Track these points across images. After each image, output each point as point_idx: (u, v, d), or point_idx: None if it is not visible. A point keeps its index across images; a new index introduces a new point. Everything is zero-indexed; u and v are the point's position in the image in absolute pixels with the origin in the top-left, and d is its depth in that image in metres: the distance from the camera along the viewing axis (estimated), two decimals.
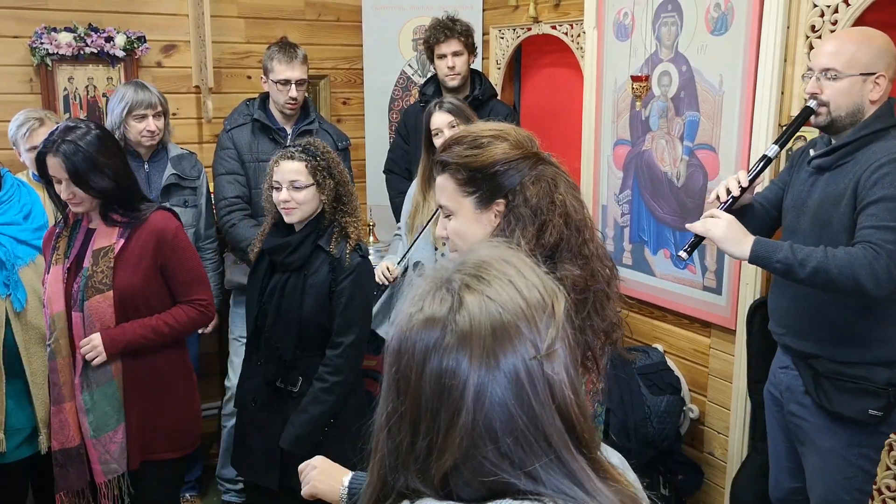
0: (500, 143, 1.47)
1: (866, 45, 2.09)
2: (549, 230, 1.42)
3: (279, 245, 2.54)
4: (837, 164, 2.15)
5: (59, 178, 2.30)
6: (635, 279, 3.40)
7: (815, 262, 1.98)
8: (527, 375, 0.89)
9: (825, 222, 2.14)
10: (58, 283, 2.32)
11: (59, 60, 3.64)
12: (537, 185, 1.45)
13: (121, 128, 3.13)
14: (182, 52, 4.01)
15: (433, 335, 0.90)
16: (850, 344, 2.17)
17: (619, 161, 3.43)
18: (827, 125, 2.14)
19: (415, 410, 0.91)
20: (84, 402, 2.35)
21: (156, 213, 2.49)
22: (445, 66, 3.48)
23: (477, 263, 0.94)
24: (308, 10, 4.34)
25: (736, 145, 2.85)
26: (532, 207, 1.44)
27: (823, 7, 2.53)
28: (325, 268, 2.53)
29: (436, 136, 3.00)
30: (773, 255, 2.02)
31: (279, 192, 2.50)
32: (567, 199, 1.46)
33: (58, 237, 2.35)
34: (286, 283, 2.53)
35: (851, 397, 2.17)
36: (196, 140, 4.14)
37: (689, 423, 3.21)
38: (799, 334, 2.26)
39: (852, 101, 2.09)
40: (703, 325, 3.16)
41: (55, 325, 2.33)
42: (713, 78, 2.91)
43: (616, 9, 3.31)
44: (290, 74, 3.33)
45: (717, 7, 2.85)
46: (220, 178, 3.37)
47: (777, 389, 2.39)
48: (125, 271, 2.36)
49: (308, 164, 2.49)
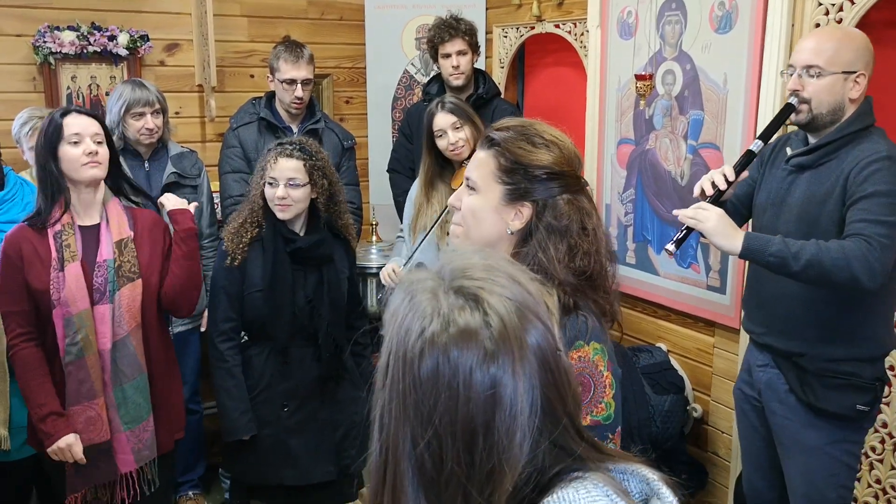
0: (554, 150, 1.44)
1: (848, 43, 2.10)
2: (580, 255, 1.40)
3: (316, 241, 2.58)
4: (819, 162, 2.15)
5: (91, 133, 2.32)
6: (639, 278, 3.40)
7: (808, 254, 1.97)
8: (554, 362, 0.89)
9: (812, 221, 2.14)
10: (80, 279, 2.29)
11: (62, 59, 3.64)
12: (570, 206, 1.43)
13: (119, 126, 3.13)
14: (185, 51, 4.01)
15: (473, 349, 0.86)
16: (837, 341, 2.17)
17: (622, 160, 3.42)
18: (808, 122, 2.14)
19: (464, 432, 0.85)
20: (115, 397, 2.35)
21: (142, 210, 2.57)
22: (450, 66, 3.48)
23: (484, 266, 0.93)
24: (311, 9, 4.34)
25: (740, 144, 2.84)
26: (562, 224, 1.41)
27: (828, 5, 2.53)
28: (341, 251, 2.69)
29: (439, 138, 3.00)
30: (766, 249, 2.01)
31: (275, 189, 2.51)
32: (599, 231, 1.45)
33: (61, 234, 2.32)
34: (328, 277, 2.59)
35: (838, 393, 2.17)
36: (199, 139, 4.14)
37: (693, 423, 3.21)
38: (783, 333, 2.25)
39: (834, 99, 2.10)
40: (707, 325, 3.15)
41: (81, 324, 2.29)
42: (717, 76, 2.90)
43: (620, 7, 3.30)
44: (296, 74, 3.33)
45: (722, 5, 2.85)
46: (226, 177, 3.37)
47: (752, 388, 2.39)
48: (143, 259, 2.42)
49: (306, 163, 2.52)
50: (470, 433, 0.85)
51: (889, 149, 2.06)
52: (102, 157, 2.34)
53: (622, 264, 3.48)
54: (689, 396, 3.20)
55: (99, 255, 2.34)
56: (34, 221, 2.35)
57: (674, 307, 3.28)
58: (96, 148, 2.31)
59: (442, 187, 3.06)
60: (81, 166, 2.30)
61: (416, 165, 3.63)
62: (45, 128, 2.32)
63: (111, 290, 2.33)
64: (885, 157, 2.03)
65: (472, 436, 0.85)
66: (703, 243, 3.07)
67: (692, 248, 3.14)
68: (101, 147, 2.34)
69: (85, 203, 2.37)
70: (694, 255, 3.13)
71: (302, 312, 2.56)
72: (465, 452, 0.85)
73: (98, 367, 2.33)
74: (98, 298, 2.32)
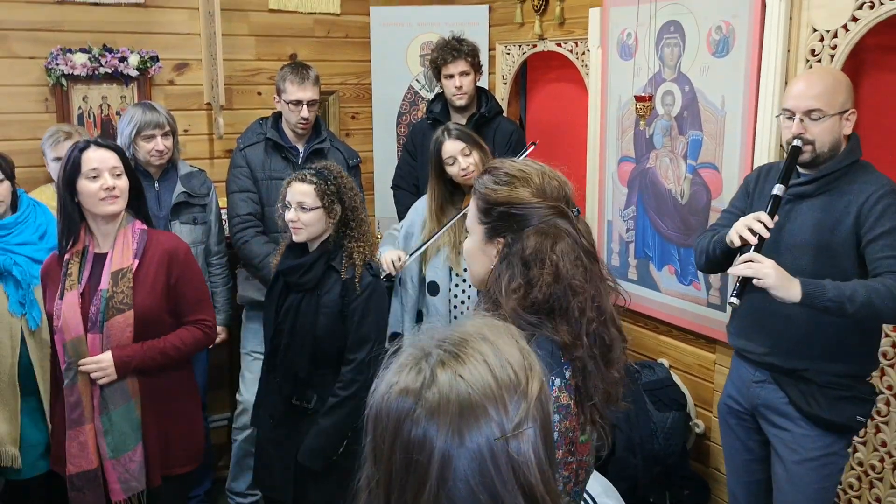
0: (521, 185, 1.50)
1: (839, 84, 2.24)
2: (539, 286, 1.43)
3: (293, 266, 2.62)
4: (818, 192, 2.28)
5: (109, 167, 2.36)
6: (641, 294, 3.44)
7: (861, 297, 2.08)
8: (490, 455, 0.91)
9: (821, 247, 2.26)
10: (75, 307, 2.35)
11: (73, 80, 3.71)
12: (536, 237, 1.47)
13: (130, 148, 3.20)
14: (194, 70, 4.08)
15: (405, 406, 0.93)
16: (839, 359, 2.30)
17: (623, 177, 3.47)
18: (811, 161, 2.27)
19: (386, 480, 0.94)
20: (102, 423, 2.39)
21: (164, 233, 2.61)
22: (453, 87, 3.53)
23: (456, 340, 0.98)
24: (317, 28, 4.41)
25: (738, 166, 2.89)
26: (524, 259, 1.46)
27: (823, 32, 2.57)
28: (337, 287, 2.61)
29: (450, 165, 3.04)
30: (823, 294, 2.10)
31: (287, 212, 2.59)
32: (563, 262, 1.46)
33: (68, 263, 2.39)
34: (301, 303, 2.61)
35: (842, 404, 2.30)
36: (207, 156, 4.21)
37: (695, 438, 3.25)
38: (788, 353, 2.35)
39: (833, 138, 2.24)
40: (708, 341, 3.19)
41: (74, 350, 2.36)
42: (715, 99, 2.95)
43: (619, 28, 3.35)
44: (302, 95, 3.39)
45: (719, 30, 2.90)
46: (234, 196, 3.43)
47: (742, 404, 2.49)
48: (143, 291, 2.43)
49: (317, 187, 2.56)
50: (389, 485, 0.94)
51: (891, 182, 2.23)
52: (121, 190, 2.38)
53: (623, 280, 3.52)
54: (691, 412, 3.24)
55: (100, 284, 2.39)
56: (60, 250, 2.44)
57: (675, 323, 3.32)
58: (114, 182, 2.36)
59: (453, 212, 3.10)
60: (99, 201, 2.35)
61: (420, 182, 3.69)
62: (65, 160, 2.38)
63: (101, 321, 2.37)
64: (893, 191, 2.19)
65: (389, 490, 0.94)
66: None
67: (692, 265, 3.18)
68: (119, 180, 2.38)
69: (103, 231, 2.43)
70: (695, 272, 3.17)
71: (276, 331, 2.65)
72: (384, 501, 0.95)
73: (88, 394, 2.38)
74: (90, 327, 2.37)
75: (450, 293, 3.19)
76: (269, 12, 4.25)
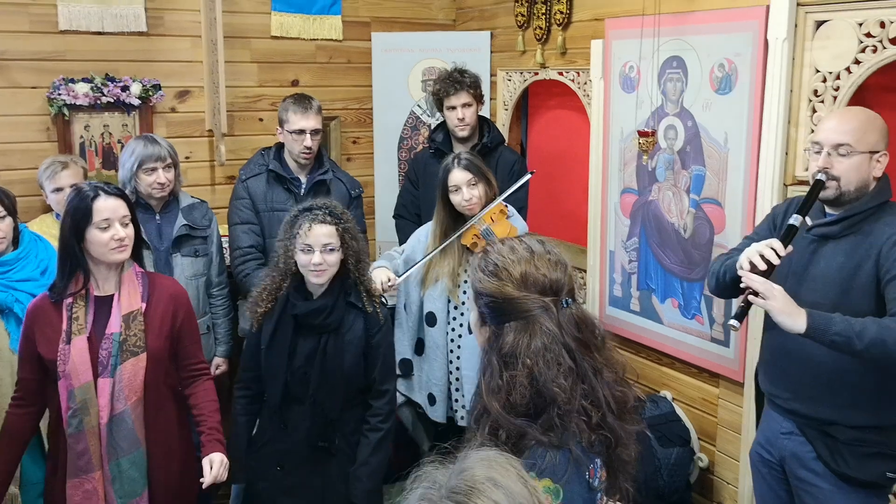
0: (504, 278, 1.48)
1: (871, 124, 2.18)
2: (518, 389, 1.40)
3: (315, 310, 2.56)
4: (843, 234, 2.21)
5: (119, 216, 2.36)
6: (644, 325, 3.44)
7: (872, 334, 2.01)
8: None
9: (842, 291, 2.19)
10: (84, 352, 2.33)
11: (75, 110, 3.71)
12: (513, 335, 1.44)
13: (132, 181, 3.20)
14: (196, 98, 4.08)
15: None
16: (863, 406, 2.22)
17: (626, 209, 3.47)
18: (835, 198, 2.21)
19: None
20: (111, 470, 2.37)
21: (165, 277, 2.64)
22: (455, 118, 3.54)
23: (466, 489, 0.97)
24: (319, 54, 4.41)
25: (742, 202, 2.88)
26: (502, 357, 1.44)
27: (826, 73, 2.57)
28: (359, 324, 2.61)
29: (454, 193, 3.07)
30: (829, 328, 2.04)
31: (311, 255, 2.50)
32: (538, 364, 1.40)
33: (72, 307, 2.37)
34: (326, 345, 2.56)
35: (869, 461, 2.22)
36: (209, 182, 4.21)
37: (699, 472, 3.23)
38: (811, 399, 2.28)
39: (860, 177, 2.17)
40: (712, 375, 3.18)
41: (82, 397, 2.33)
42: (718, 135, 2.95)
43: (622, 61, 3.36)
44: (305, 124, 3.39)
45: (722, 67, 2.90)
46: (235, 228, 3.42)
47: (776, 454, 2.41)
48: (153, 333, 2.43)
49: (337, 227, 2.55)
50: None
51: None
52: (130, 238, 2.38)
53: (626, 311, 3.52)
54: (694, 446, 3.22)
55: (108, 328, 2.37)
56: (53, 293, 2.39)
57: (678, 356, 3.31)
58: (124, 234, 2.35)
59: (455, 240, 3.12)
60: (109, 251, 2.34)
61: (421, 211, 3.69)
62: (72, 207, 2.34)
63: (114, 364, 2.35)
64: None
65: None
66: (706, 295, 3.11)
67: (696, 299, 3.17)
68: (127, 229, 2.38)
69: (104, 275, 2.42)
70: (698, 306, 3.16)
71: (294, 376, 2.57)
72: None
73: (97, 441, 2.35)
74: (101, 371, 2.35)
75: (448, 325, 3.20)
76: (272, 39, 4.26)
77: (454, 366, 3.22)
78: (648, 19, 3.15)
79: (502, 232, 3.08)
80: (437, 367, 3.24)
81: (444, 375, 3.23)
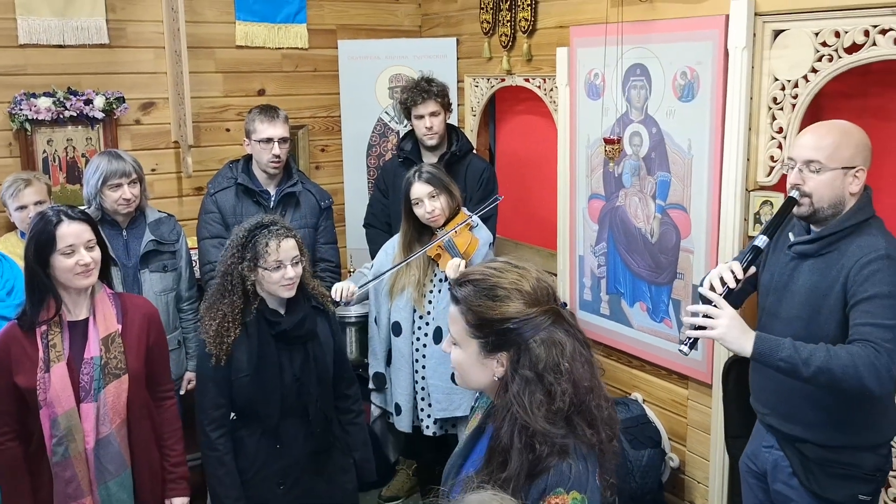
0: (516, 298, 1.47)
1: (846, 139, 2.13)
2: (559, 396, 1.43)
3: (298, 322, 2.58)
4: (820, 252, 2.17)
5: (83, 241, 2.33)
6: (613, 329, 3.48)
7: (819, 361, 1.98)
8: None
9: (814, 311, 2.18)
10: (65, 379, 2.30)
11: (37, 125, 3.66)
12: (544, 348, 1.45)
13: (97, 198, 3.17)
14: (161, 109, 4.05)
15: None
16: (837, 428, 2.20)
17: (594, 214, 3.51)
18: (809, 215, 2.18)
19: None
20: (100, 494, 2.36)
21: (136, 297, 2.63)
22: (423, 127, 3.55)
23: None
24: (285, 62, 4.40)
25: (706, 207, 2.94)
26: (537, 371, 1.44)
27: (784, 81, 2.63)
28: (323, 324, 2.70)
29: (416, 206, 3.10)
30: (776, 353, 2.03)
31: (282, 271, 2.50)
32: (575, 366, 1.45)
33: (47, 334, 2.33)
34: (313, 353, 2.61)
35: (841, 482, 2.21)
36: (176, 194, 4.18)
37: (671, 473, 3.29)
38: (784, 416, 2.29)
39: (834, 194, 2.12)
40: (681, 377, 3.24)
41: (67, 424, 2.30)
42: (682, 141, 3.00)
43: (587, 69, 3.39)
44: (272, 132, 3.38)
45: (684, 75, 2.94)
46: (205, 242, 3.40)
47: (759, 466, 2.43)
48: (131, 354, 2.42)
49: (296, 238, 2.57)
50: None
51: (887, 245, 2.09)
52: (95, 262, 2.35)
53: (596, 315, 3.56)
54: (665, 447, 3.27)
55: (86, 352, 2.34)
56: (22, 321, 2.35)
57: (648, 359, 3.36)
58: (90, 258, 2.32)
59: (420, 251, 3.14)
60: (74, 276, 2.31)
61: (391, 220, 3.71)
62: (35, 233, 2.30)
63: (97, 388, 2.33)
64: (883, 256, 2.06)
65: None
66: (674, 299, 3.17)
67: (664, 303, 3.23)
68: (93, 252, 2.34)
69: (75, 300, 2.38)
70: (666, 309, 3.22)
71: (290, 391, 2.57)
72: None
73: (84, 466, 2.33)
74: (83, 396, 2.32)
75: (413, 335, 3.22)
76: (237, 48, 4.24)
77: (420, 375, 3.25)
78: (612, 27, 3.18)
79: (464, 243, 3.11)
80: (402, 377, 3.26)
81: (410, 385, 3.25)
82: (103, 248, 2.42)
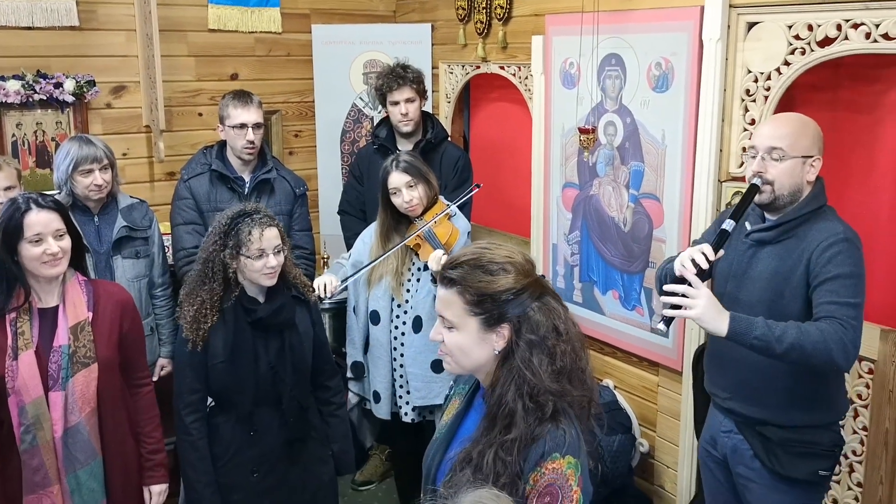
0: (511, 270, 1.57)
1: (805, 129, 2.24)
2: (559, 356, 1.54)
3: (275, 310, 2.57)
4: (778, 239, 2.28)
5: (52, 230, 2.29)
6: (586, 317, 3.52)
7: (791, 338, 2.07)
8: None
9: (776, 294, 2.26)
10: (33, 367, 2.27)
11: (6, 108, 3.60)
12: (542, 313, 1.56)
13: (67, 184, 3.12)
14: (132, 93, 4.00)
15: None
16: (797, 407, 2.29)
17: (567, 203, 3.54)
18: (770, 203, 2.26)
19: None
20: (69, 483, 2.34)
21: (110, 283, 2.58)
22: (398, 113, 3.54)
23: None
24: (258, 47, 4.36)
25: (679, 197, 2.98)
26: (540, 335, 1.54)
27: (757, 73, 2.67)
28: (303, 313, 2.68)
29: (394, 195, 3.09)
30: (750, 332, 2.10)
31: (265, 259, 2.49)
32: (569, 327, 1.58)
33: (16, 321, 2.30)
34: (290, 341, 2.60)
35: (802, 460, 2.30)
36: (147, 179, 4.14)
37: (640, 458, 3.35)
38: (746, 399, 2.36)
39: (794, 182, 2.22)
40: (651, 364, 3.29)
41: (35, 412, 2.28)
42: (656, 132, 3.03)
43: (562, 57, 3.41)
44: (246, 118, 3.36)
45: (659, 66, 2.97)
46: (178, 229, 3.37)
47: (719, 451, 2.50)
48: (102, 342, 2.39)
49: (279, 227, 2.56)
50: None
51: (845, 230, 2.20)
52: (64, 251, 2.31)
53: (569, 302, 3.60)
54: (636, 432, 3.33)
55: (55, 340, 2.32)
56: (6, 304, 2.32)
57: (619, 346, 3.41)
58: (58, 248, 2.28)
59: (397, 240, 3.14)
60: (42, 265, 2.28)
61: (366, 207, 3.70)
62: (4, 221, 2.27)
63: (65, 377, 2.31)
64: (843, 240, 2.17)
65: None
66: (646, 287, 3.21)
67: (636, 291, 3.27)
68: (62, 241, 2.31)
69: (45, 288, 2.35)
70: (638, 298, 3.26)
71: (264, 380, 2.56)
72: None
73: (52, 455, 2.31)
74: (52, 385, 2.30)
75: (391, 324, 3.23)
76: (209, 32, 4.19)
77: (398, 363, 3.26)
78: (588, 16, 3.20)
79: (444, 234, 3.11)
80: (381, 365, 3.27)
81: (388, 373, 3.26)
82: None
